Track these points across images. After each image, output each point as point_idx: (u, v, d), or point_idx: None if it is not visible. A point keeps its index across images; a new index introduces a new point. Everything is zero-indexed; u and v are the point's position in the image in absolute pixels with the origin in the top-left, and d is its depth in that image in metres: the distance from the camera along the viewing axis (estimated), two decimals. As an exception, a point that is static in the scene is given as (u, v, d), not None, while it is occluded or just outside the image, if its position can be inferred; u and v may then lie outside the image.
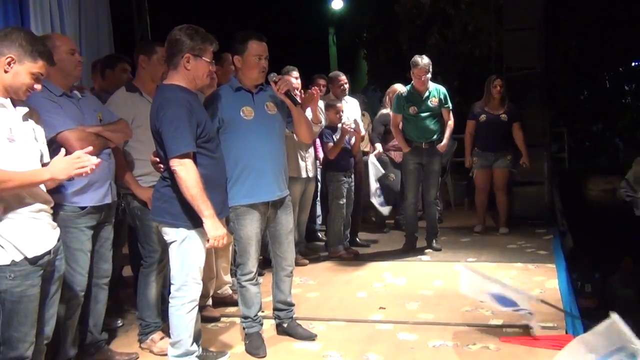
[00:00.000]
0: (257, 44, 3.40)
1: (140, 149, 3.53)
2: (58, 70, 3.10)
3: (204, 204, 2.90)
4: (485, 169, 6.60)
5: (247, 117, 3.39)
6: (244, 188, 3.37)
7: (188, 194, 2.89)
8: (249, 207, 3.40)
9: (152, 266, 3.59)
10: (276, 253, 3.64)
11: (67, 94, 3.17)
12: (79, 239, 3.13)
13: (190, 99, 3.00)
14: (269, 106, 3.49)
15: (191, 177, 2.88)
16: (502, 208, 6.68)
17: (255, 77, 3.44)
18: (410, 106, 5.76)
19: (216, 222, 2.93)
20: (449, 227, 7.06)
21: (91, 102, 3.35)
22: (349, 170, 5.71)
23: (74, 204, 3.11)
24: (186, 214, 2.96)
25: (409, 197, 5.96)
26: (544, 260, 5.35)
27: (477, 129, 6.62)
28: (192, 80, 3.05)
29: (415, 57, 5.69)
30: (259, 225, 3.44)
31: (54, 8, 6.28)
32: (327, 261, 5.71)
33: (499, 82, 6.51)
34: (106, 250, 3.38)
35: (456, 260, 5.53)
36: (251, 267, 3.50)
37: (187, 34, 3.00)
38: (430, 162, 5.85)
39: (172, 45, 3.02)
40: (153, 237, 3.54)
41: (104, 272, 3.40)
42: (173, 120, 2.89)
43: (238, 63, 3.44)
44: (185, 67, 3.00)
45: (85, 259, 3.18)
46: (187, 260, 3.03)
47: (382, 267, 5.41)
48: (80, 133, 3.05)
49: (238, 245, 3.48)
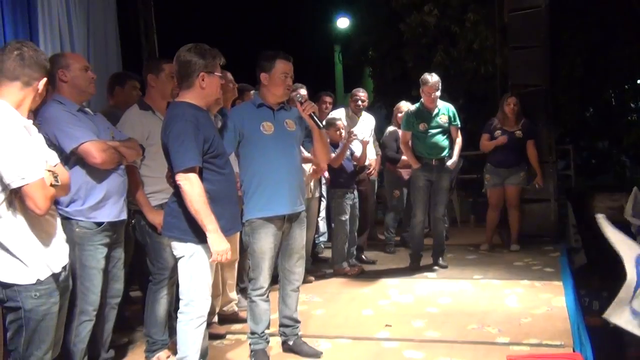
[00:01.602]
0: (284, 63, 3.53)
1: (153, 167, 3.59)
2: (73, 87, 3.20)
3: (208, 218, 2.93)
4: (498, 186, 6.63)
5: (267, 132, 3.49)
6: (260, 201, 3.44)
7: (192, 208, 2.92)
8: (265, 221, 3.46)
9: (161, 283, 3.62)
10: (285, 267, 3.67)
11: (83, 109, 3.25)
12: (95, 257, 3.18)
13: (199, 116, 3.05)
14: (288, 123, 3.59)
15: (195, 191, 2.92)
16: (514, 225, 6.70)
17: (280, 94, 3.56)
18: (420, 123, 5.81)
19: (220, 237, 2.96)
20: (455, 244, 7.07)
21: (103, 120, 3.43)
22: (351, 187, 5.75)
23: (91, 219, 3.17)
24: (194, 229, 2.99)
25: (418, 215, 5.97)
26: (551, 277, 5.35)
27: None
28: (205, 97, 3.12)
29: (425, 75, 5.75)
30: (273, 240, 3.49)
31: (63, 27, 6.36)
32: (332, 278, 5.72)
33: (513, 100, 6.58)
34: (118, 270, 3.43)
35: (463, 277, 5.54)
36: (263, 282, 3.53)
37: (198, 53, 3.06)
38: (440, 179, 5.88)
39: (184, 66, 3.07)
40: (163, 254, 3.58)
41: (116, 292, 3.44)
42: (179, 136, 2.94)
43: (265, 80, 3.54)
44: (200, 85, 3.07)
45: (99, 278, 3.22)
46: (196, 276, 3.06)
47: (388, 284, 5.41)
48: (102, 144, 3.12)
49: (252, 259, 3.52)
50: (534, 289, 5.05)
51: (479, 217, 8.28)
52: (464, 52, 10.03)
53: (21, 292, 2.48)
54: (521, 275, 5.50)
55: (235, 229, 3.31)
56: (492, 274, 5.63)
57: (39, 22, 6.01)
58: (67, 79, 3.20)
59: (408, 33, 10.45)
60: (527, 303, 4.66)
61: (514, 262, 6.05)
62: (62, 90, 3.19)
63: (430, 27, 10.24)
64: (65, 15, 6.40)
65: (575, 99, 9.75)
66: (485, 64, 9.68)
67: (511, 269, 5.79)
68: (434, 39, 10.36)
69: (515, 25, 7.30)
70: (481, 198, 7.61)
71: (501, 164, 6.59)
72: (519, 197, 6.70)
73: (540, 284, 5.19)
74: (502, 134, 6.56)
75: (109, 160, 3.17)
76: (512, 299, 4.78)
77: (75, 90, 3.21)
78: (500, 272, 5.70)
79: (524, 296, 4.85)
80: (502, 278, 5.46)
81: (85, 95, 3.30)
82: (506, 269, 5.81)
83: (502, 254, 6.50)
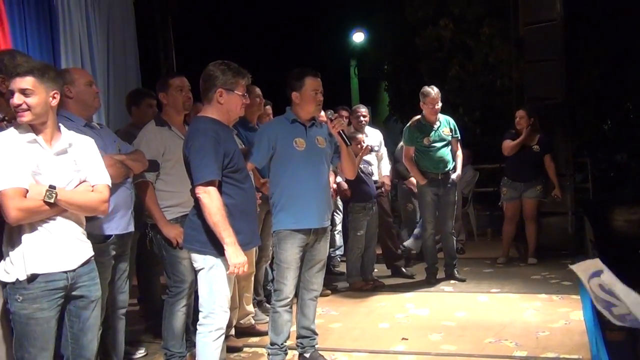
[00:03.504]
0: (313, 80, 3.63)
1: (169, 181, 3.64)
2: (78, 102, 3.24)
3: (226, 231, 2.96)
4: (515, 199, 6.61)
5: (299, 148, 3.58)
6: (289, 214, 3.54)
7: (210, 221, 2.96)
8: (293, 232, 3.53)
9: (178, 296, 3.65)
10: (305, 276, 3.72)
11: (89, 124, 3.29)
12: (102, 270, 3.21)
13: (220, 130, 3.10)
14: (319, 140, 3.67)
15: (214, 204, 2.96)
16: (531, 238, 6.67)
17: (312, 110, 3.65)
18: (424, 137, 5.80)
19: (237, 250, 2.98)
20: (471, 257, 7.04)
21: (109, 133, 3.49)
22: (369, 201, 5.73)
23: (100, 232, 3.20)
24: (213, 241, 3.02)
25: (428, 229, 5.97)
26: (569, 291, 5.30)
27: (508, 159, 6.64)
28: (226, 113, 3.16)
29: (425, 87, 5.79)
30: (299, 251, 3.57)
31: (84, 44, 6.50)
32: (349, 292, 5.72)
33: (520, 113, 6.55)
34: (123, 282, 3.47)
35: (479, 291, 5.52)
36: (288, 293, 3.58)
37: (220, 69, 3.12)
38: (447, 193, 5.88)
39: (205, 80, 3.14)
40: (179, 268, 3.61)
41: (122, 303, 3.49)
42: (200, 150, 2.99)
43: (296, 99, 3.63)
44: (218, 101, 3.12)
45: (105, 289, 3.24)
46: (215, 288, 3.09)
47: (405, 298, 5.41)
48: (109, 160, 3.16)
49: (277, 269, 3.60)
50: (551, 303, 5.02)
51: (495, 230, 8.26)
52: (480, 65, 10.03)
53: (10, 293, 2.57)
54: (539, 289, 5.46)
55: (253, 244, 3.34)
56: (509, 287, 5.60)
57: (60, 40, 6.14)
58: (73, 95, 3.24)
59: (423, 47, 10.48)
60: (544, 316, 4.62)
61: (531, 276, 6.01)
62: (68, 106, 3.22)
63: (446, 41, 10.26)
64: (86, 32, 6.55)
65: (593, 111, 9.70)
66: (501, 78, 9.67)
67: (528, 283, 5.76)
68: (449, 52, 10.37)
69: (531, 39, 7.30)
70: (498, 211, 7.58)
71: (518, 178, 6.57)
72: (536, 210, 6.67)
73: (558, 297, 5.16)
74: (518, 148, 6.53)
75: (116, 175, 3.20)
76: (530, 313, 4.75)
77: (81, 105, 3.26)
78: (518, 285, 5.67)
79: (542, 310, 4.82)
80: (520, 291, 5.42)
81: (91, 110, 3.35)
82: (523, 282, 5.78)
83: (519, 268, 6.46)
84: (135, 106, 4.67)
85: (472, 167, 8.17)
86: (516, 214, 6.69)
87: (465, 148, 6.75)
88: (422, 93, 5.77)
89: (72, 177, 2.70)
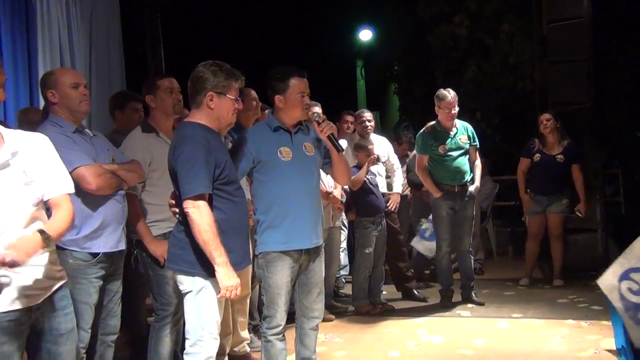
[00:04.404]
0: (299, 81, 3.51)
1: (156, 193, 3.64)
2: (63, 107, 3.24)
3: (217, 251, 2.94)
4: (538, 214, 6.61)
5: (285, 158, 3.47)
6: (277, 233, 3.43)
7: (200, 239, 2.94)
8: (281, 254, 3.45)
9: (164, 320, 3.64)
10: (303, 303, 3.66)
11: (80, 130, 3.29)
12: (87, 291, 3.20)
13: (210, 138, 3.09)
14: (307, 147, 3.58)
15: (204, 220, 2.94)
16: (557, 257, 6.66)
17: (298, 115, 3.55)
18: (439, 145, 5.80)
19: (229, 271, 2.97)
20: (491, 279, 7.04)
21: (103, 141, 3.48)
22: (378, 215, 5.73)
23: (85, 249, 3.20)
24: (202, 261, 3.01)
25: (443, 247, 5.96)
26: (599, 316, 5.27)
27: (530, 169, 6.65)
28: (216, 119, 3.15)
29: (441, 90, 5.80)
30: (290, 273, 3.48)
31: (64, 42, 6.52)
32: (355, 316, 5.71)
33: (546, 116, 6.57)
34: (114, 305, 3.45)
35: (499, 316, 5.50)
36: (279, 320, 3.52)
37: (211, 71, 3.11)
38: (464, 207, 5.87)
39: (194, 83, 3.13)
40: (166, 289, 3.61)
41: (112, 328, 3.46)
42: (189, 160, 2.98)
43: (280, 103, 3.52)
44: (208, 105, 3.11)
45: (91, 313, 3.24)
46: (204, 313, 3.07)
47: (417, 324, 5.39)
48: (97, 169, 3.16)
49: (266, 294, 3.51)
50: (580, 330, 5.00)
51: (517, 248, 8.25)
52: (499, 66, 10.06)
53: None
54: (565, 314, 5.45)
55: (247, 263, 3.33)
56: (533, 312, 5.59)
57: (38, 38, 6.16)
58: (57, 100, 3.24)
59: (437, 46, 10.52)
60: (572, 345, 4.61)
61: (558, 299, 6.00)
62: (56, 112, 3.24)
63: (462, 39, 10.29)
64: (66, 30, 6.57)
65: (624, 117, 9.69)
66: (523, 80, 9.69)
67: (554, 307, 5.74)
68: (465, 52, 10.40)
69: (556, 37, 7.31)
70: (520, 227, 7.57)
71: (541, 191, 6.57)
72: (562, 227, 6.66)
73: (587, 323, 5.15)
74: (540, 158, 6.54)
75: (105, 186, 3.20)
76: (556, 341, 4.74)
77: (66, 111, 3.25)
78: (542, 310, 5.65)
79: (569, 337, 4.80)
80: (544, 317, 5.41)
81: (79, 115, 3.32)
82: (549, 306, 5.77)
83: (544, 290, 6.45)
84: (120, 110, 4.68)
85: (491, 179, 8.18)
86: (540, 231, 6.68)
87: (484, 157, 6.76)
88: (437, 96, 5.78)
89: (20, 193, 2.54)
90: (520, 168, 6.76)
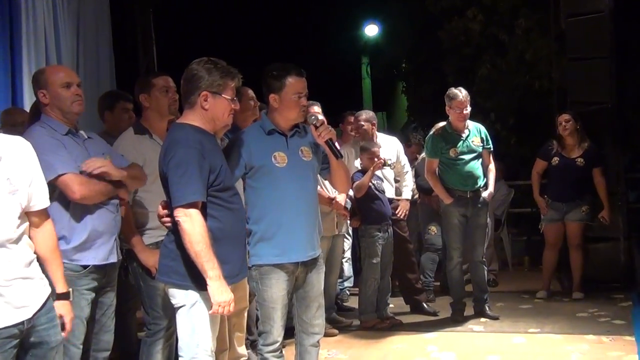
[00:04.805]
0: (297, 80, 3.47)
1: (149, 200, 3.64)
2: (55, 108, 3.24)
3: (209, 263, 2.93)
4: (556, 222, 6.60)
5: (280, 164, 3.43)
6: (271, 245, 3.40)
7: (192, 250, 2.93)
8: (275, 267, 3.42)
9: (156, 335, 3.63)
10: (302, 319, 3.64)
11: (73, 132, 3.28)
12: (78, 304, 3.18)
13: (204, 141, 3.08)
14: (304, 151, 3.54)
15: (196, 230, 2.93)
16: (577, 268, 6.64)
17: (295, 117, 3.51)
18: (450, 148, 5.79)
19: (222, 285, 2.96)
20: (505, 291, 7.03)
21: (98, 144, 3.47)
22: (385, 223, 5.72)
23: (74, 261, 3.18)
24: (196, 273, 2.99)
25: (454, 257, 5.94)
26: (621, 331, 5.27)
27: (548, 174, 6.63)
28: (211, 121, 3.14)
29: (452, 89, 5.79)
30: (286, 286, 3.46)
31: (50, 40, 6.52)
32: (360, 331, 5.69)
33: (565, 117, 6.55)
34: (108, 319, 3.44)
35: (515, 331, 5.49)
36: (276, 337, 3.50)
37: (205, 69, 3.09)
38: (477, 215, 5.85)
39: (188, 82, 3.12)
40: (158, 301, 3.61)
41: (105, 344, 3.46)
42: (180, 164, 2.96)
43: (275, 103, 3.49)
44: (202, 106, 3.09)
45: (82, 328, 3.23)
46: (198, 328, 3.06)
47: (426, 339, 5.38)
48: (82, 177, 3.14)
49: (261, 309, 3.49)
50: (601, 345, 4.98)
51: (534, 258, 8.23)
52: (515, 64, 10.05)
53: None
54: (586, 329, 5.43)
55: (243, 274, 3.31)
56: (551, 326, 5.58)
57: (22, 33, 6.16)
58: (48, 101, 3.24)
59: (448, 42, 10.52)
60: (593, 362, 4.60)
61: (577, 313, 5.98)
62: (47, 112, 3.25)
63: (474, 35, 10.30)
64: (52, 26, 6.57)
65: (648, 118, 9.67)
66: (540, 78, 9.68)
67: (573, 321, 5.73)
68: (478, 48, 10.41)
69: (575, 33, 7.31)
70: (536, 236, 7.55)
71: (560, 197, 6.55)
72: (581, 235, 6.64)
73: (609, 339, 5.13)
74: (558, 161, 6.53)
75: (91, 195, 3.17)
76: (576, 357, 4.72)
77: (58, 111, 3.25)
78: (561, 324, 5.64)
79: (590, 354, 4.79)
80: (563, 332, 5.40)
81: (71, 116, 3.30)
82: (568, 321, 5.75)
83: (563, 303, 6.43)
84: (109, 111, 4.69)
85: (505, 184, 8.16)
86: (558, 240, 6.67)
87: (498, 161, 6.74)
88: (447, 96, 5.77)
89: (5, 203, 2.49)
90: (535, 169, 6.75)
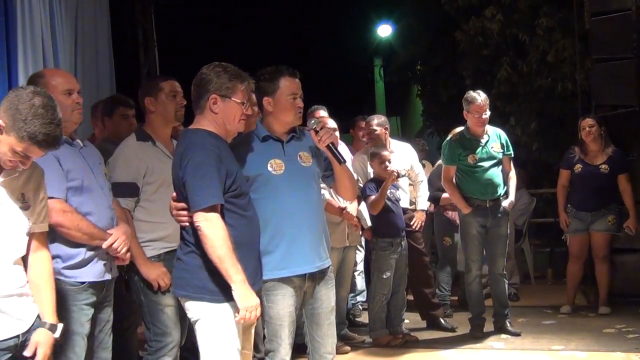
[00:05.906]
0: (290, 81, 3.49)
1: (151, 210, 3.66)
2: None
3: (234, 268, 2.94)
4: (581, 232, 6.58)
5: (277, 171, 3.43)
6: (275, 259, 3.39)
7: (214, 256, 2.94)
8: (280, 281, 3.42)
9: (160, 352, 3.64)
10: (314, 337, 3.63)
11: (69, 141, 3.30)
12: (79, 320, 3.20)
13: (220, 146, 3.11)
14: (302, 156, 3.53)
15: (218, 234, 2.95)
16: (603, 282, 6.62)
17: (290, 120, 3.53)
18: (468, 154, 5.79)
19: (248, 290, 2.98)
20: (527, 306, 7.01)
21: (93, 153, 3.50)
22: (398, 237, 5.70)
23: (71, 278, 3.20)
24: (216, 284, 3.01)
25: (473, 270, 5.94)
26: (651, 349, 5.25)
27: (570, 182, 6.61)
28: (222, 125, 3.17)
29: (470, 92, 5.79)
30: (293, 302, 3.45)
31: (47, 42, 6.55)
32: (373, 348, 5.70)
33: (588, 122, 6.53)
34: (105, 335, 3.45)
35: (537, 348, 5.47)
36: (284, 355, 3.49)
37: (214, 72, 3.14)
38: (497, 225, 5.84)
39: (197, 86, 3.17)
40: (161, 317, 3.62)
41: None
42: (200, 167, 2.99)
43: (269, 106, 3.50)
44: (212, 109, 3.13)
45: (83, 345, 3.24)
46: (219, 343, 3.06)
47: (443, 357, 5.39)
48: (66, 206, 3.13)
49: (267, 327, 3.49)
50: (629, 364, 4.97)
51: (557, 271, 8.20)
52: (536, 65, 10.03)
53: None
54: (613, 346, 5.41)
55: (257, 285, 3.30)
56: (576, 343, 5.56)
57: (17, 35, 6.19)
58: None
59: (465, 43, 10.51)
60: (620, 382, 4.58)
61: (604, 329, 5.96)
62: None
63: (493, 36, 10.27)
64: (49, 26, 6.60)
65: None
66: (563, 80, 9.66)
67: (600, 338, 5.71)
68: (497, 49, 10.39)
69: (600, 33, 7.30)
70: (560, 248, 7.53)
71: (584, 206, 6.52)
72: (608, 247, 6.61)
73: (638, 356, 5.11)
74: (581, 169, 6.51)
75: (69, 227, 3.12)
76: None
77: None
78: (587, 341, 5.62)
79: (617, 372, 4.77)
80: (589, 349, 5.38)
81: (70, 125, 3.29)
82: (594, 337, 5.74)
83: (588, 319, 6.42)
84: (108, 117, 4.72)
85: (527, 192, 8.15)
86: (583, 251, 6.64)
87: (519, 168, 6.73)
88: (465, 99, 5.78)
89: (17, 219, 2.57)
90: (560, 182, 6.72)
